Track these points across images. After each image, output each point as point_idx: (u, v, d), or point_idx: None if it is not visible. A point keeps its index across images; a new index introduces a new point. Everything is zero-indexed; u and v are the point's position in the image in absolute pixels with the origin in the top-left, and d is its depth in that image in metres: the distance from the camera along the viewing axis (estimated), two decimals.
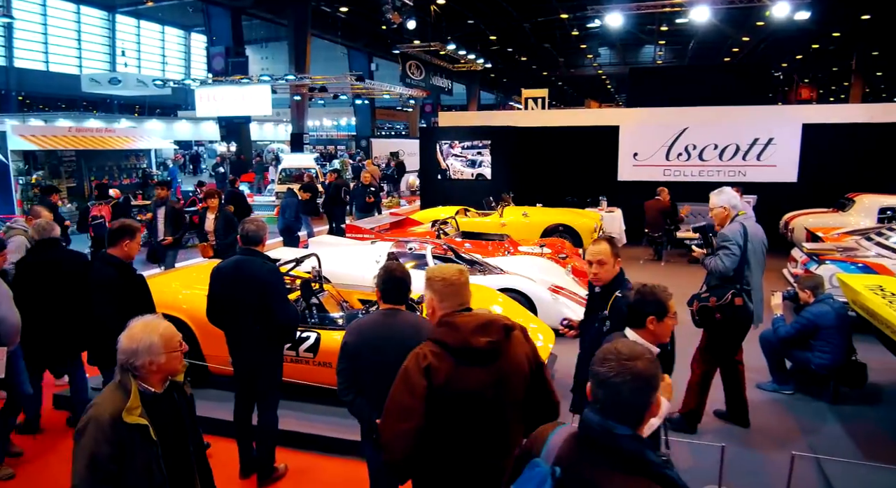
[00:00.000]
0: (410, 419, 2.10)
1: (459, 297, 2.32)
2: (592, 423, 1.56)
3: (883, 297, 4.73)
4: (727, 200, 4.56)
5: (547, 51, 36.49)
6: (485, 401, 2.15)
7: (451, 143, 13.56)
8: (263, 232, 3.96)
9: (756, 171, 12.41)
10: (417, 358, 2.16)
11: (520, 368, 2.24)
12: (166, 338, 2.29)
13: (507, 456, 2.16)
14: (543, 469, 1.59)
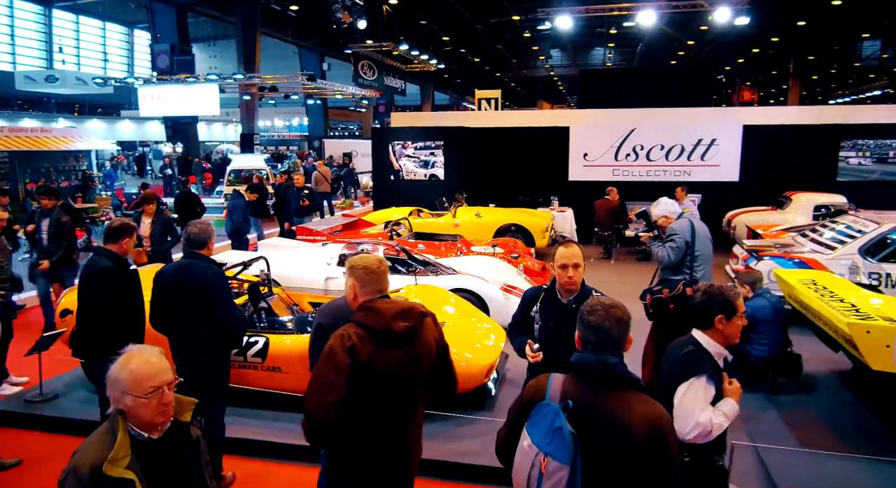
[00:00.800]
0: (334, 393, 2.29)
1: (379, 284, 2.53)
2: (590, 360, 1.99)
3: (815, 291, 4.96)
4: (665, 210, 4.88)
5: (499, 52, 36.83)
6: (401, 379, 2.42)
7: (403, 144, 13.53)
8: (208, 234, 3.86)
9: (700, 171, 12.83)
10: (342, 338, 2.36)
11: (430, 350, 2.52)
12: (135, 378, 1.86)
13: (414, 425, 2.54)
14: (553, 406, 1.94)
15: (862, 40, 34.43)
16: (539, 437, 1.92)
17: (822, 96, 46.26)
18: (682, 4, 20.42)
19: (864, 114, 14.19)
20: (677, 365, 2.57)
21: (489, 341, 5.28)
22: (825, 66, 39.78)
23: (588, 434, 1.87)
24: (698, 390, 2.47)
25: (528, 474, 1.93)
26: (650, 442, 1.84)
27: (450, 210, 11.23)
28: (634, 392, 1.95)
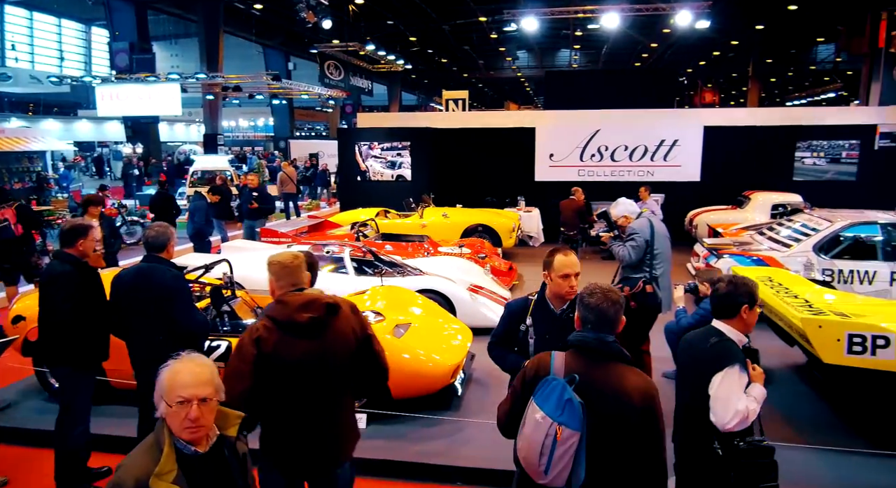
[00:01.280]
0: (243, 381, 2.43)
1: (292, 278, 2.64)
2: (589, 338, 2.25)
3: (771, 288, 5.09)
4: (624, 210, 5.02)
5: (467, 53, 36.94)
6: (310, 369, 2.51)
7: (370, 145, 13.46)
8: (167, 237, 3.79)
9: (663, 171, 13.08)
10: (251, 331, 2.52)
11: (344, 341, 2.61)
12: (171, 383, 1.79)
13: (335, 413, 2.63)
14: (559, 380, 2.17)
15: (817, 44, 35.55)
16: (551, 409, 2.12)
17: (780, 98, 47.62)
18: (645, 7, 20.80)
19: (818, 115, 14.66)
20: (706, 356, 2.63)
21: (455, 341, 5.30)
22: (782, 69, 41.00)
23: (591, 403, 2.12)
24: (734, 379, 2.55)
25: (543, 443, 2.13)
26: (643, 409, 2.12)
27: (417, 211, 11.22)
28: (627, 366, 2.22)
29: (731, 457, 2.54)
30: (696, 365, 2.68)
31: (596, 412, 2.11)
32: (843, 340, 4.03)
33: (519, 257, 10.98)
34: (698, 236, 10.86)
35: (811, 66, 39.55)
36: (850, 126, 12.93)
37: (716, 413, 2.52)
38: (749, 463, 2.52)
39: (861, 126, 12.85)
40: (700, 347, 2.69)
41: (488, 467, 4.17)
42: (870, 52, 21.41)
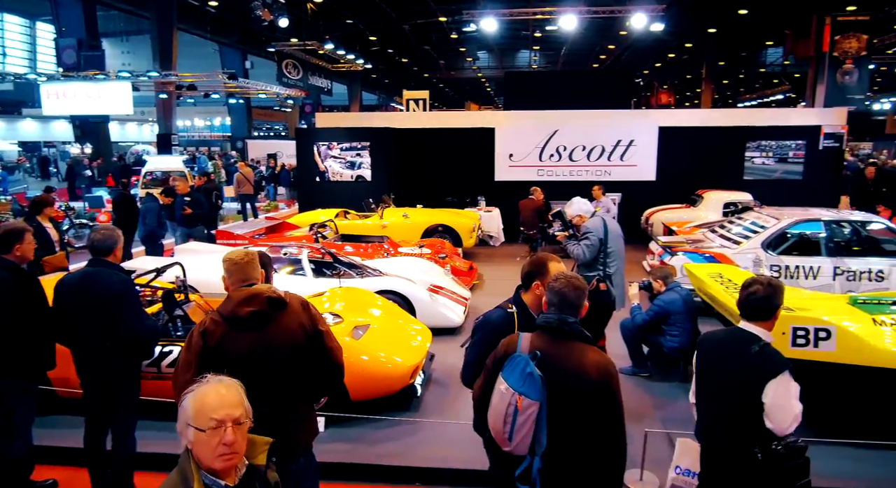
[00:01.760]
0: (188, 371, 2.54)
1: (242, 274, 2.74)
2: (552, 319, 2.44)
3: (721, 284, 5.24)
4: (578, 209, 5.11)
5: (427, 53, 36.90)
6: (254, 363, 2.58)
7: (329, 145, 13.31)
8: (113, 240, 3.67)
9: (620, 171, 13.33)
10: (200, 323, 2.65)
11: (290, 335, 2.67)
12: (199, 407, 1.65)
13: (282, 407, 2.63)
14: (523, 356, 2.36)
15: (766, 48, 36.78)
16: (514, 381, 2.34)
17: (732, 99, 49.08)
18: (601, 10, 21.17)
19: (767, 117, 15.17)
20: (754, 363, 2.58)
21: (415, 342, 5.29)
22: (734, 71, 42.24)
23: (552, 376, 2.31)
24: (788, 385, 2.56)
25: (506, 411, 2.34)
26: (600, 383, 2.31)
27: (377, 211, 11.16)
28: (587, 344, 2.42)
29: (770, 462, 2.56)
30: (739, 372, 2.63)
31: (557, 385, 2.31)
32: (788, 333, 4.18)
33: (479, 257, 11.03)
34: (654, 234, 11.09)
35: (761, 69, 40.89)
36: (796, 127, 13.41)
37: (774, 419, 2.53)
38: (788, 466, 2.56)
39: (807, 127, 13.34)
40: (741, 353, 2.64)
41: (448, 467, 4.18)
42: (815, 56, 22.28)
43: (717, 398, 2.77)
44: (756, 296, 2.68)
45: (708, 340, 2.90)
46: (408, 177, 13.65)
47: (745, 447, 2.60)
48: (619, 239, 5.07)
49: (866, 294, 5.56)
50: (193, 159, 27.73)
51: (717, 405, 2.77)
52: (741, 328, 2.74)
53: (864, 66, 21.71)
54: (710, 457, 2.83)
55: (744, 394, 2.58)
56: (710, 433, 2.82)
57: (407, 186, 13.39)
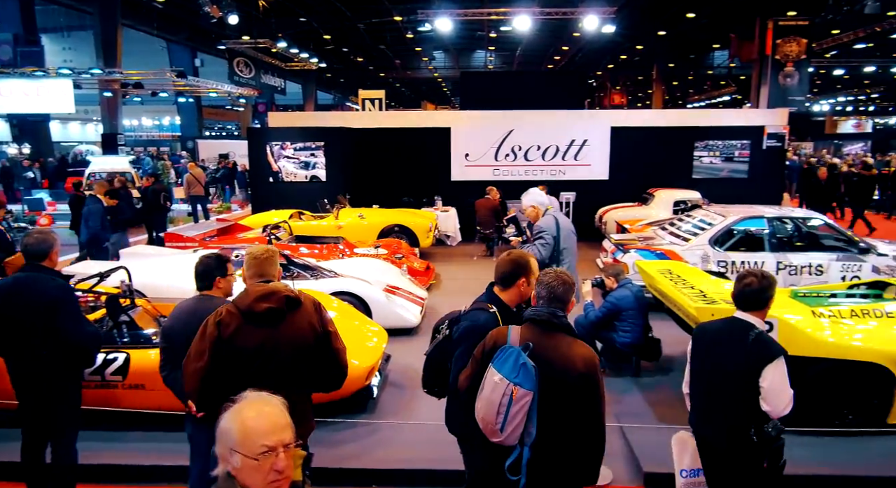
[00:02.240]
0: (201, 359, 2.66)
1: (260, 269, 2.88)
2: (542, 312, 2.55)
3: (671, 280, 5.37)
4: (533, 199, 5.10)
5: (383, 52, 36.71)
6: (263, 357, 2.69)
7: (282, 145, 13.07)
8: (49, 244, 3.52)
9: (574, 170, 13.54)
10: (216, 314, 2.74)
11: (301, 333, 2.78)
12: (247, 432, 1.52)
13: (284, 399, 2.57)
14: (515, 348, 2.45)
15: (713, 50, 37.96)
16: (507, 372, 2.40)
17: (682, 100, 50.49)
18: (554, 11, 21.45)
19: (714, 117, 15.65)
20: (751, 349, 2.77)
21: (371, 343, 5.25)
22: (683, 73, 43.46)
23: (542, 367, 2.41)
24: (783, 369, 2.75)
25: (500, 402, 2.40)
26: (586, 374, 2.41)
27: (332, 212, 11.03)
28: (573, 337, 2.54)
29: (765, 443, 2.76)
30: (737, 358, 2.80)
31: (545, 376, 2.40)
32: None
33: (436, 257, 11.02)
34: (607, 232, 11.30)
35: (709, 71, 42.17)
36: (741, 127, 13.87)
37: (771, 402, 2.72)
38: (778, 446, 2.78)
39: (751, 127, 13.81)
40: (739, 341, 2.82)
41: (404, 468, 4.17)
42: (758, 59, 23.07)
43: (714, 384, 2.93)
44: (751, 288, 2.89)
45: (705, 330, 3.08)
46: (363, 178, 13.54)
47: (741, 429, 2.79)
48: (572, 235, 5.12)
49: (806, 287, 5.79)
50: (138, 160, 26.81)
51: (715, 390, 2.93)
52: (737, 317, 2.94)
53: (803, 69, 22.62)
54: (704, 443, 2.99)
55: (742, 379, 2.77)
56: (706, 418, 2.98)
57: (363, 186, 13.28)
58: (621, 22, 24.71)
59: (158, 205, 11.37)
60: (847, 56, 34.12)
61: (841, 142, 40.55)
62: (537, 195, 5.14)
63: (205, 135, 36.23)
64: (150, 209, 11.25)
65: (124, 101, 27.79)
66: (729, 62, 34.81)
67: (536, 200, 5.10)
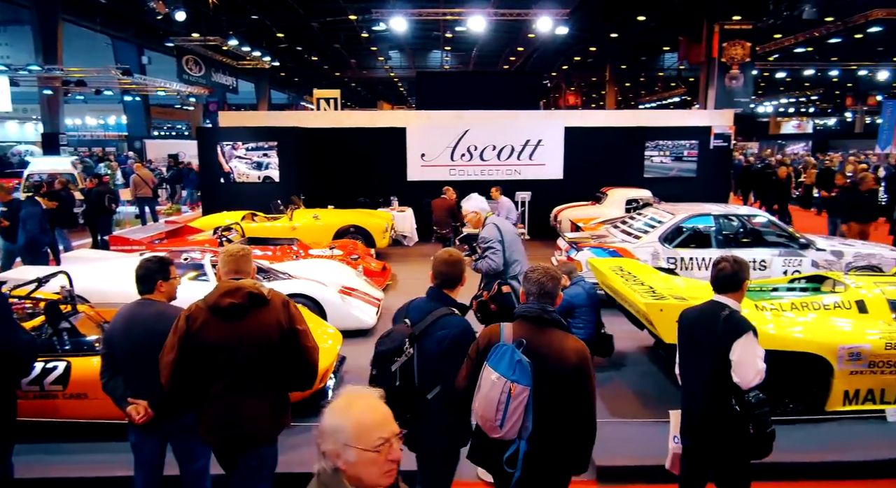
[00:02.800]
0: (172, 352, 2.75)
1: (235, 266, 2.97)
2: (533, 308, 2.62)
3: (622, 277, 5.48)
4: (475, 206, 5.11)
5: (338, 51, 36.34)
6: (227, 352, 2.75)
7: (234, 145, 12.77)
8: None
9: (529, 170, 13.67)
10: (188, 309, 2.82)
11: (266, 330, 2.80)
12: (362, 426, 1.52)
13: (248, 397, 2.80)
14: (509, 346, 2.52)
15: (664, 52, 38.99)
16: (504, 369, 2.46)
17: (634, 101, 51.70)
18: (508, 13, 21.64)
19: (664, 118, 16.04)
20: (723, 327, 2.97)
21: (325, 345, 5.17)
22: (635, 75, 44.52)
23: (536, 362, 2.48)
24: (753, 344, 2.92)
25: (498, 399, 2.45)
26: (579, 366, 2.50)
27: (286, 213, 10.84)
28: (565, 332, 2.61)
29: (746, 411, 2.93)
30: (712, 336, 3.01)
31: (540, 370, 2.48)
32: None
33: (393, 257, 10.97)
34: (561, 231, 11.46)
35: (659, 73, 43.33)
36: (690, 127, 14.26)
37: (740, 374, 2.90)
38: (760, 413, 2.92)
39: (699, 127, 14.22)
40: (713, 320, 3.03)
41: None
42: (706, 61, 23.79)
43: (696, 361, 3.16)
44: (725, 272, 3.11)
45: (686, 315, 3.31)
46: (318, 178, 13.37)
47: (723, 401, 2.98)
48: (516, 237, 5.12)
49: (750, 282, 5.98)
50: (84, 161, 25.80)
51: (698, 368, 3.14)
52: (714, 300, 3.15)
53: (748, 72, 23.43)
54: (692, 417, 3.18)
55: (717, 355, 2.97)
56: (692, 394, 3.18)
57: (318, 187, 13.11)
58: (574, 24, 25.12)
59: (103, 207, 10.97)
60: (789, 59, 35.59)
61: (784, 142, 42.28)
62: (479, 201, 5.15)
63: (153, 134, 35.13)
64: (94, 211, 10.84)
65: (66, 100, 26.68)
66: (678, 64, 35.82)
67: (479, 206, 5.11)
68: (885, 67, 34.79)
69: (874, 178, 10.61)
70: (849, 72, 37.44)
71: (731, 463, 3.07)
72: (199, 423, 2.89)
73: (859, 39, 30.54)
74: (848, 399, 4.68)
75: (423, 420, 2.83)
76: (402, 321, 2.92)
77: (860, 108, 44.15)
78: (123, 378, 3.10)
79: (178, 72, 25.65)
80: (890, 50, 33.46)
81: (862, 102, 43.51)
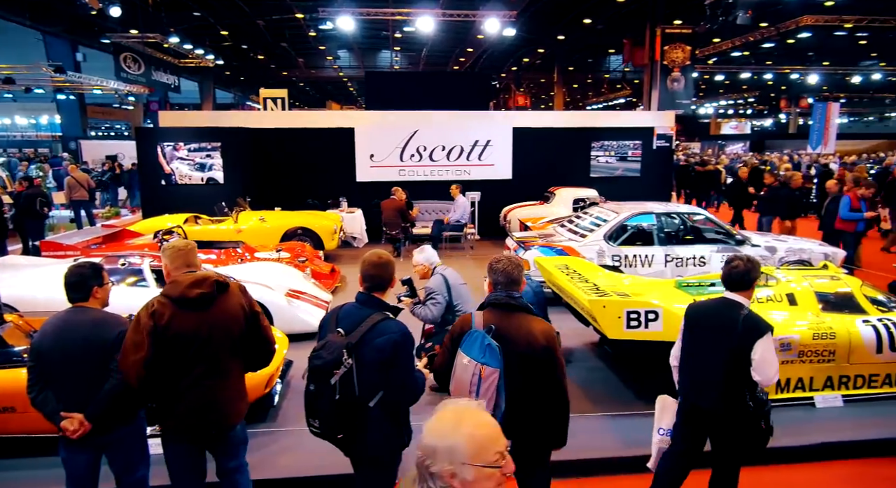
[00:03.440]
0: (140, 350, 2.75)
1: (186, 260, 3.05)
2: (501, 296, 2.80)
3: (567, 275, 5.57)
4: (426, 258, 5.14)
5: (285, 50, 35.69)
6: (201, 339, 2.86)
7: (175, 145, 12.37)
8: None
9: (478, 170, 13.76)
10: (147, 307, 2.84)
11: (233, 315, 2.96)
12: (478, 443, 1.47)
13: (225, 379, 2.98)
14: (479, 332, 2.69)
15: (609, 55, 39.90)
16: (475, 354, 2.64)
17: (582, 102, 52.74)
18: (456, 13, 21.73)
19: (609, 119, 16.42)
20: (743, 326, 3.09)
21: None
22: (582, 76, 45.41)
23: (507, 346, 2.65)
24: (771, 343, 3.09)
25: (470, 381, 2.63)
26: (547, 347, 2.69)
27: (231, 215, 10.58)
28: (531, 315, 2.80)
29: (759, 407, 3.13)
30: (729, 333, 3.12)
31: (511, 352, 2.64)
32: (623, 317, 4.52)
33: (343, 259, 10.85)
34: (510, 230, 11.58)
35: (606, 75, 44.31)
36: (634, 128, 14.63)
37: (762, 372, 3.05)
38: (768, 409, 3.15)
39: (642, 128, 14.61)
40: (729, 318, 3.16)
41: (308, 475, 4.08)
42: (649, 64, 24.47)
43: (708, 357, 3.23)
44: (738, 270, 3.22)
45: (697, 309, 3.41)
46: (265, 180, 13.09)
47: (737, 397, 3.13)
48: (464, 287, 5.15)
49: (690, 278, 6.19)
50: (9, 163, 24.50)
51: (708, 363, 3.23)
52: (726, 297, 3.25)
53: (689, 75, 24.22)
54: (699, 411, 3.30)
55: (734, 352, 3.09)
56: (700, 389, 3.28)
57: (265, 189, 12.84)
58: (522, 26, 25.41)
59: (34, 211, 10.45)
60: (727, 63, 37.02)
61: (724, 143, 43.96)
62: (431, 254, 5.16)
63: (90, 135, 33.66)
64: (24, 216, 10.32)
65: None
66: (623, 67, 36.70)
67: (428, 259, 5.12)
68: (814, 71, 36.64)
69: (801, 177, 11.11)
70: (783, 75, 39.25)
71: (736, 455, 3.24)
72: (169, 415, 2.92)
73: (791, 44, 32.03)
74: (780, 387, 4.89)
75: (363, 427, 2.78)
76: (335, 330, 2.79)
77: (794, 110, 46.28)
78: (54, 391, 2.97)
79: (115, 70, 24.61)
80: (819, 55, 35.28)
81: (795, 105, 45.62)
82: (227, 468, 3.20)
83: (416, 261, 5.15)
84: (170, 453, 3.01)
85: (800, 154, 30.93)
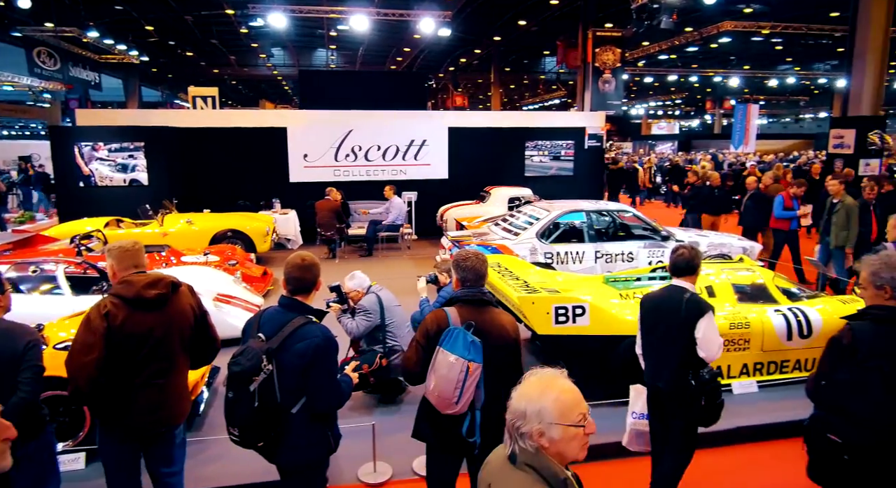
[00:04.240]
0: (92, 352, 2.73)
1: (133, 260, 3.01)
2: (472, 292, 2.91)
3: (499, 273, 5.63)
4: (358, 284, 5.11)
5: (215, 47, 34.55)
6: (155, 339, 2.90)
7: (94, 145, 11.75)
8: None
9: (415, 170, 13.74)
10: (98, 308, 2.83)
11: (185, 315, 3.02)
12: (564, 406, 1.66)
13: (174, 378, 3.02)
14: (458, 328, 2.75)
15: (544, 56, 40.67)
16: (461, 351, 2.70)
17: (519, 102, 53.55)
18: (391, 13, 21.62)
19: (543, 119, 16.73)
20: (686, 307, 3.31)
21: None
22: (518, 77, 46.10)
23: (484, 339, 2.76)
24: (713, 322, 3.30)
25: (457, 379, 2.68)
26: (515, 339, 2.88)
27: (156, 218, 10.15)
28: (500, 309, 2.98)
29: (701, 386, 3.32)
30: (676, 316, 3.33)
31: (489, 345, 2.75)
32: (551, 313, 4.60)
33: (276, 261, 10.59)
34: (446, 230, 11.61)
35: (541, 76, 45.16)
36: (566, 128, 14.98)
37: (705, 349, 3.27)
38: (712, 386, 3.33)
39: (575, 128, 14.97)
40: (675, 302, 3.36)
41: (235, 483, 3.99)
42: (582, 66, 25.09)
43: (662, 340, 3.44)
44: (683, 258, 3.45)
45: (649, 298, 3.62)
46: (194, 181, 12.64)
47: (682, 376, 3.33)
48: (398, 308, 5.14)
49: (617, 273, 6.37)
50: None
51: (663, 346, 3.43)
52: (673, 284, 3.49)
53: (619, 76, 24.97)
54: (656, 391, 3.49)
55: (682, 333, 3.30)
56: (657, 371, 3.48)
57: (193, 190, 12.40)
58: (459, 26, 25.56)
59: None
60: (655, 66, 38.44)
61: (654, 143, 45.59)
62: (364, 280, 5.13)
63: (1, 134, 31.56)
64: None
65: None
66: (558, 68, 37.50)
67: (360, 285, 5.10)
68: (736, 74, 38.57)
69: (720, 176, 11.65)
70: (707, 78, 41.09)
71: (681, 432, 3.41)
72: (110, 418, 2.91)
73: (714, 49, 33.58)
74: None
75: (287, 434, 2.71)
76: (256, 335, 2.70)
77: (718, 112, 48.53)
78: None
79: (28, 65, 23.17)
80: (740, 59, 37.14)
81: (719, 106, 47.86)
82: (161, 473, 3.17)
83: (349, 288, 5.07)
84: (111, 453, 2.99)
85: (724, 153, 32.46)
